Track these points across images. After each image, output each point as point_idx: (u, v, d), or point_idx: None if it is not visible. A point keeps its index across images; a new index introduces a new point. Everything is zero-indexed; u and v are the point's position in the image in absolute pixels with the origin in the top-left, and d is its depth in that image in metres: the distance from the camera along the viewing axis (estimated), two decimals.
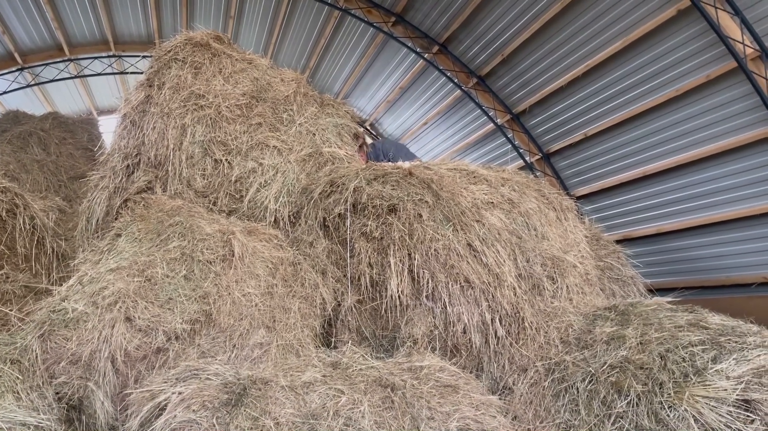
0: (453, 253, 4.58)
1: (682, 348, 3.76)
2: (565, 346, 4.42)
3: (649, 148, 10.13)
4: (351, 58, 15.12)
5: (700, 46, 8.46)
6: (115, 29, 14.90)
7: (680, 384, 3.51)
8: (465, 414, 3.31)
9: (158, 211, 5.09)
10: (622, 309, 4.61)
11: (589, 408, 3.84)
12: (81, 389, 3.93)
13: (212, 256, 4.58)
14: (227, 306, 4.36)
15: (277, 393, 3.22)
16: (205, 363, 3.65)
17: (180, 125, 5.83)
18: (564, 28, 10.28)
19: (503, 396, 4.31)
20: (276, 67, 6.94)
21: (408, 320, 4.65)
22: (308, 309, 4.84)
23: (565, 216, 5.70)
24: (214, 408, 3.07)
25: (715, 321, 4.09)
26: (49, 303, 4.27)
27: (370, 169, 5.26)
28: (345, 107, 7.03)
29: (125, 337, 3.95)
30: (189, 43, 6.37)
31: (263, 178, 5.78)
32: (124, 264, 4.41)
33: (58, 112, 13.65)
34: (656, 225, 10.71)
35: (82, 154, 10.97)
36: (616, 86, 10.13)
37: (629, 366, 3.83)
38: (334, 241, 5.24)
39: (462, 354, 4.55)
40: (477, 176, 5.46)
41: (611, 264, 7.46)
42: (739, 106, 8.39)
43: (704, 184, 9.48)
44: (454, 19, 12.08)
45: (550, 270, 5.00)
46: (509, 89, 12.56)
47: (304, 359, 3.95)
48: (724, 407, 3.30)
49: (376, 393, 3.33)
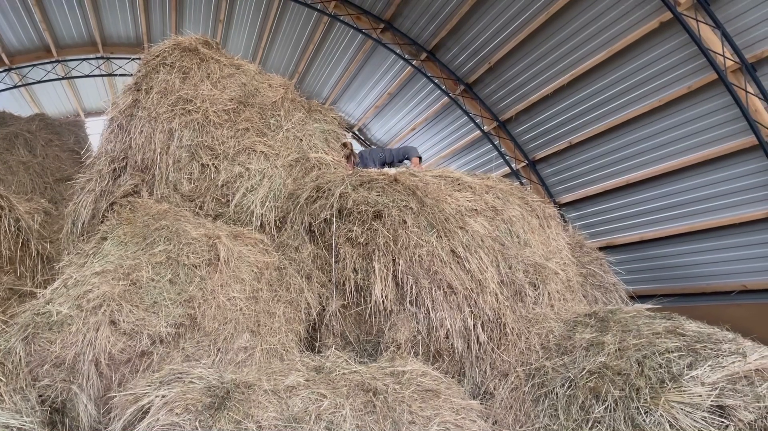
0: (437, 259, 4.65)
1: (659, 354, 3.84)
2: (546, 352, 4.49)
3: (632, 157, 10.27)
4: (340, 63, 15.19)
5: (682, 58, 8.60)
6: (104, 31, 14.86)
7: (656, 389, 3.59)
8: (446, 418, 3.37)
9: (144, 215, 5.10)
10: (602, 315, 4.69)
11: (568, 413, 3.92)
12: (64, 392, 3.93)
13: (198, 260, 4.60)
14: (212, 310, 4.39)
15: (260, 396, 3.25)
16: (189, 366, 3.67)
17: (167, 129, 5.86)
18: (550, 37, 10.41)
19: (484, 400, 4.37)
20: (264, 73, 6.98)
21: (392, 325, 4.70)
22: (293, 313, 4.88)
23: (548, 223, 5.78)
24: (198, 412, 3.10)
25: (691, 329, 4.18)
26: (33, 306, 4.28)
27: (356, 175, 5.32)
28: (332, 113, 7.09)
29: (109, 340, 3.97)
30: (177, 47, 6.40)
31: (250, 182, 5.82)
32: (109, 268, 4.42)
33: (44, 113, 13.57)
34: (639, 233, 10.84)
35: (68, 156, 10.94)
36: (600, 95, 10.27)
37: (607, 372, 3.91)
38: (319, 246, 5.28)
39: (444, 359, 4.61)
40: (461, 183, 5.54)
41: (594, 271, 7.55)
42: (720, 117, 8.53)
43: (686, 193, 9.61)
44: (442, 26, 12.18)
45: (532, 277, 5.07)
46: (496, 97, 12.68)
47: (288, 363, 3.98)
48: (699, 412, 3.39)
49: (358, 398, 3.37)
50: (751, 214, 8.67)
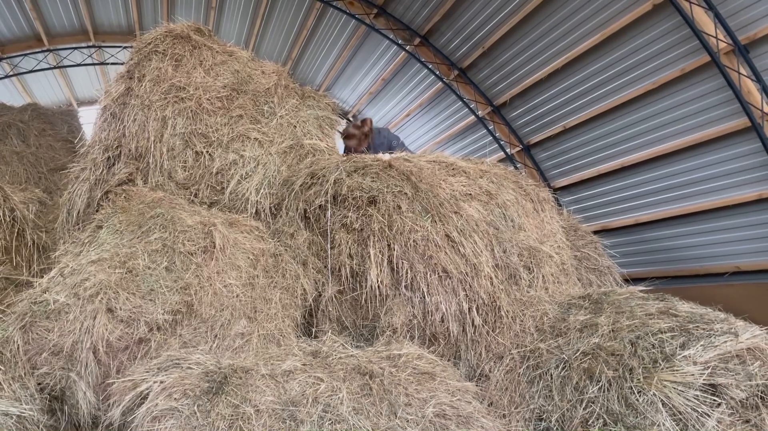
0: (431, 244, 4.67)
1: (652, 335, 3.88)
2: (540, 334, 4.53)
3: (626, 140, 10.29)
4: (333, 49, 15.11)
5: (676, 40, 8.60)
6: (95, 19, 14.73)
7: (649, 369, 3.63)
8: (441, 400, 3.40)
9: (139, 203, 5.10)
10: (596, 298, 4.73)
11: (562, 394, 3.96)
12: (63, 380, 3.95)
13: (193, 248, 4.61)
14: (209, 297, 4.41)
15: (258, 381, 3.28)
16: (187, 353, 3.70)
17: (161, 117, 5.84)
18: (543, 21, 10.38)
19: (480, 382, 4.41)
20: (257, 60, 6.95)
21: (387, 310, 4.73)
22: (289, 299, 4.90)
23: (542, 207, 5.81)
24: (195, 397, 3.13)
25: (684, 309, 4.22)
26: (30, 295, 4.28)
27: (350, 161, 5.32)
28: (326, 99, 7.07)
29: (107, 328, 3.98)
30: (169, 35, 6.36)
31: (244, 170, 5.82)
32: (105, 256, 4.43)
33: (37, 103, 13.46)
34: (634, 216, 10.89)
35: (62, 145, 10.88)
36: (594, 79, 10.26)
37: (601, 353, 3.95)
38: (314, 233, 5.30)
39: (440, 342, 4.64)
40: (456, 168, 5.55)
41: (588, 254, 7.59)
42: (713, 99, 8.55)
43: (680, 176, 9.65)
44: (435, 11, 12.12)
45: (527, 261, 5.11)
46: (490, 81, 12.65)
47: (285, 348, 4.01)
48: (691, 391, 3.43)
49: (354, 381, 3.40)
50: (744, 196, 8.73)
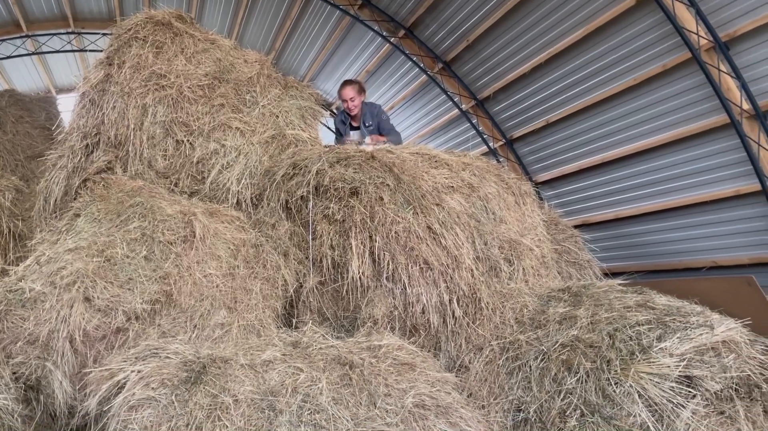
0: (413, 236, 4.67)
1: (630, 327, 3.93)
2: (520, 326, 4.56)
3: (607, 136, 10.35)
4: (317, 40, 14.99)
5: (657, 36, 8.65)
6: (75, 5, 14.46)
7: (626, 361, 3.67)
8: (421, 390, 3.41)
9: (118, 192, 5.04)
10: (575, 290, 4.77)
11: (541, 385, 4.00)
12: (39, 369, 3.91)
13: (173, 237, 4.57)
14: (188, 287, 4.38)
15: (237, 371, 3.26)
16: (165, 342, 3.66)
17: (141, 105, 5.77)
18: (527, 15, 10.39)
19: (459, 374, 4.43)
20: (239, 48, 6.89)
21: (368, 301, 4.73)
22: (270, 290, 4.89)
23: (524, 200, 5.84)
24: (174, 386, 3.10)
25: (661, 302, 4.27)
26: (5, 284, 4.22)
27: (333, 151, 5.30)
28: (309, 89, 7.02)
29: (84, 317, 3.94)
30: (150, 21, 6.27)
31: (225, 159, 5.77)
32: (82, 245, 4.38)
33: (14, 89, 13.23)
34: (614, 211, 10.98)
35: (39, 133, 10.69)
36: (576, 74, 10.30)
37: (579, 345, 3.99)
38: (296, 223, 5.28)
39: (420, 333, 4.66)
40: (438, 161, 5.55)
41: (569, 248, 7.65)
42: (693, 96, 8.62)
43: (660, 171, 9.73)
44: (420, 3, 12.08)
45: (507, 253, 5.13)
46: (474, 75, 12.65)
47: (265, 339, 3.99)
48: (667, 383, 3.48)
49: (334, 371, 3.40)
50: (722, 192, 8.82)
